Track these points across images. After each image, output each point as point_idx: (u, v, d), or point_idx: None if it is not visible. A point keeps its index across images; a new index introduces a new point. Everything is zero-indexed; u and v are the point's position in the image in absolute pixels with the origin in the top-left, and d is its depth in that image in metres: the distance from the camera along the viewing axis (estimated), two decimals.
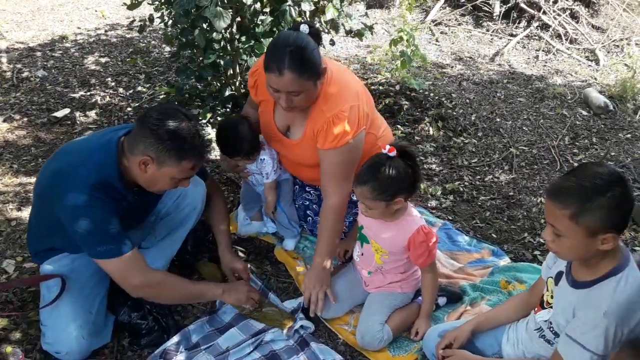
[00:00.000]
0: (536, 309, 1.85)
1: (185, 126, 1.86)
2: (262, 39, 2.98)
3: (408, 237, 2.07)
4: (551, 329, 1.76)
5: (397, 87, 3.84)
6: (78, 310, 2.01)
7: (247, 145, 2.36)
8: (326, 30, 3.07)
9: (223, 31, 2.91)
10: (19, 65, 4.51)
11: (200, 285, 2.19)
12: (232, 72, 3.40)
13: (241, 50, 3.03)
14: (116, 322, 2.16)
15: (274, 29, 2.96)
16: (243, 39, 3.03)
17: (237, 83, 3.43)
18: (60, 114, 3.84)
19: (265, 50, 2.66)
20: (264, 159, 2.44)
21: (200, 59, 3.21)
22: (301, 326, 2.21)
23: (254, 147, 2.40)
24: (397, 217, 2.08)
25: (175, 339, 2.12)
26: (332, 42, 3.26)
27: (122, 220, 1.94)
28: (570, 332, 1.60)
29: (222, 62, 3.04)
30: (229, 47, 3.09)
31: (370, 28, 3.14)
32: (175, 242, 2.33)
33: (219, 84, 3.47)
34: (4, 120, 3.71)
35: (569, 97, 4.17)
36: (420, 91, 3.87)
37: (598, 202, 1.45)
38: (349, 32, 3.14)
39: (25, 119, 3.76)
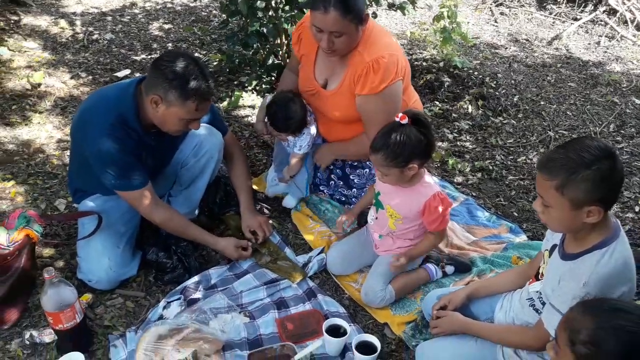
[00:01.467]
0: (531, 280, 1.90)
1: (191, 68, 2.02)
2: (304, 9, 3.09)
3: (424, 202, 2.13)
4: (541, 299, 1.80)
5: (441, 64, 3.85)
6: (107, 245, 2.25)
7: (296, 124, 2.49)
8: (368, 2, 3.13)
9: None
10: (90, 28, 4.84)
11: (197, 232, 2.36)
12: (278, 41, 3.54)
13: (283, 19, 3.15)
14: (144, 259, 2.39)
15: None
16: (287, 8, 3.15)
17: (282, 52, 3.56)
18: (121, 74, 4.12)
19: None
20: (303, 133, 2.56)
21: (247, 26, 3.37)
22: (310, 278, 2.36)
23: (301, 126, 2.52)
24: (414, 183, 2.15)
25: (195, 278, 2.32)
26: (375, 15, 3.32)
27: (146, 163, 2.15)
28: (552, 300, 1.65)
29: (265, 30, 3.17)
30: (272, 15, 3.22)
31: (413, 2, 3.17)
32: (198, 190, 2.53)
33: (265, 53, 3.62)
34: (72, 77, 4.03)
35: (624, 85, 4.02)
36: (464, 69, 3.86)
37: (583, 174, 1.47)
38: (391, 6, 3.19)
39: (90, 77, 4.07)
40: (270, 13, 3.30)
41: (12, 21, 4.60)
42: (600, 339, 1.22)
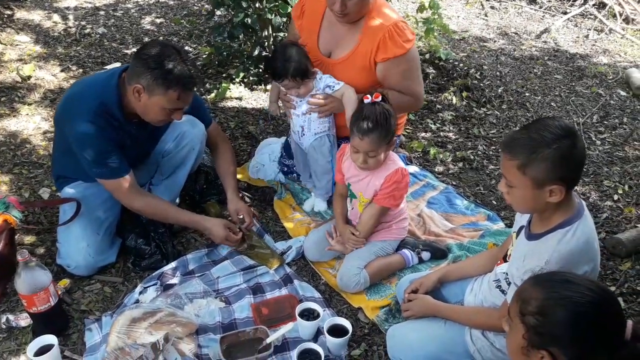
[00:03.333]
0: (499, 262, 1.92)
1: (174, 57, 2.05)
2: (287, 0, 3.12)
3: (385, 175, 2.15)
4: (507, 280, 1.82)
5: (427, 56, 3.87)
6: (87, 231, 2.28)
7: (295, 66, 2.35)
8: None
9: None
10: (83, 22, 4.86)
11: (187, 216, 2.37)
12: (265, 33, 3.56)
13: (267, 10, 3.18)
14: (123, 246, 2.41)
15: None
16: None
17: (269, 44, 3.58)
18: (110, 67, 4.15)
19: (289, 11, 2.82)
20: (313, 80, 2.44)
21: (233, 18, 3.39)
22: (287, 264, 2.38)
23: (302, 71, 2.38)
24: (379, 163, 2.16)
25: (173, 264, 2.35)
26: None
27: (127, 152, 2.17)
28: (515, 279, 1.67)
29: (249, 21, 3.20)
30: (257, 6, 3.24)
31: None
32: (179, 180, 2.55)
33: (251, 44, 3.64)
34: (62, 70, 4.06)
35: (610, 77, 4.04)
36: (450, 61, 3.88)
37: (543, 153, 1.49)
38: None
39: (81, 70, 4.10)
40: (256, 5, 3.33)
41: (6, 15, 4.63)
42: (548, 309, 1.24)
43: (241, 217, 2.47)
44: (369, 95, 2.06)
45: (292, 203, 2.76)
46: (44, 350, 1.86)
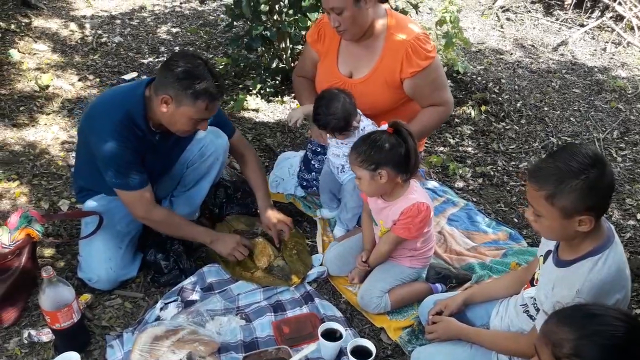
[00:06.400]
0: (526, 285, 1.89)
1: (201, 68, 2.05)
2: (307, 13, 3.11)
3: (401, 209, 2.09)
4: (535, 305, 1.79)
5: (445, 69, 3.84)
6: (109, 245, 2.28)
7: (335, 123, 2.35)
8: None
9: (270, 3, 3.07)
10: (100, 31, 4.89)
11: (195, 229, 2.37)
12: (283, 45, 3.57)
13: (286, 23, 3.17)
14: (144, 260, 2.41)
15: (319, 4, 3.09)
16: (290, 12, 3.17)
17: (287, 56, 3.58)
18: (128, 77, 4.17)
19: (308, 24, 2.82)
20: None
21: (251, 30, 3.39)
22: (308, 283, 2.37)
23: (342, 127, 2.36)
24: (397, 195, 2.11)
25: (192, 278, 2.34)
26: None
27: (149, 164, 2.17)
28: (545, 307, 1.64)
29: (268, 34, 3.20)
30: (276, 18, 3.24)
31: (416, 7, 3.18)
32: (201, 191, 2.55)
33: (269, 57, 3.64)
34: (80, 80, 4.08)
35: (630, 92, 4.00)
36: (468, 74, 3.86)
37: (572, 184, 1.46)
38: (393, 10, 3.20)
39: (98, 79, 4.11)
40: (274, 17, 3.33)
41: (23, 24, 4.66)
42: (585, 349, 1.21)
43: (280, 229, 2.46)
44: (386, 124, 2.05)
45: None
46: None
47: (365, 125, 2.41)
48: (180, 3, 5.67)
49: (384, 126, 2.06)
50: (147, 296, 2.31)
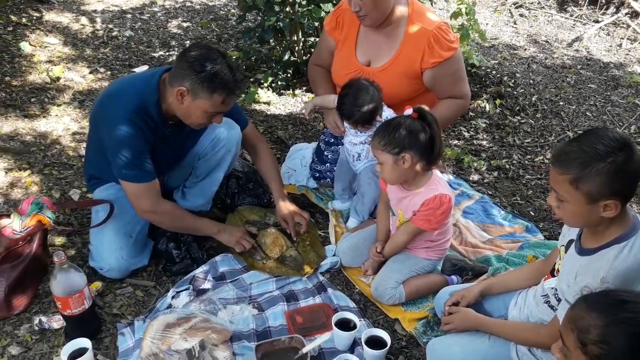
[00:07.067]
0: (546, 276, 1.85)
1: (220, 62, 2.01)
2: (321, 4, 3.08)
3: (423, 200, 2.05)
4: (556, 296, 1.75)
5: None
6: (120, 234, 2.25)
7: (361, 115, 2.29)
8: None
9: None
10: (110, 25, 4.88)
11: (200, 221, 2.33)
12: (295, 37, 3.53)
13: (300, 14, 3.14)
14: (155, 250, 2.38)
15: None
16: (303, 2, 3.14)
17: (298, 49, 3.55)
18: (139, 69, 4.15)
19: (322, 15, 2.79)
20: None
21: (264, 22, 3.36)
22: (320, 273, 2.33)
23: (367, 120, 2.32)
24: (419, 185, 2.07)
25: (204, 267, 2.31)
26: None
27: (160, 155, 2.13)
28: (568, 296, 1.59)
29: (281, 25, 3.17)
30: (289, 10, 3.21)
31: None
32: (214, 182, 2.51)
33: (281, 49, 3.61)
34: (90, 72, 4.07)
35: None
36: (482, 68, 3.81)
37: (597, 167, 1.41)
38: None
39: (109, 72, 4.10)
40: (287, 8, 3.30)
41: (35, 17, 4.67)
42: (613, 337, 1.16)
43: (297, 221, 2.43)
44: (410, 109, 2.00)
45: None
46: (77, 353, 1.83)
47: (388, 115, 2.37)
48: None
49: (409, 111, 2.01)
50: (158, 285, 2.28)
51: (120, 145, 2.07)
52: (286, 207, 2.44)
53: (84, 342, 1.86)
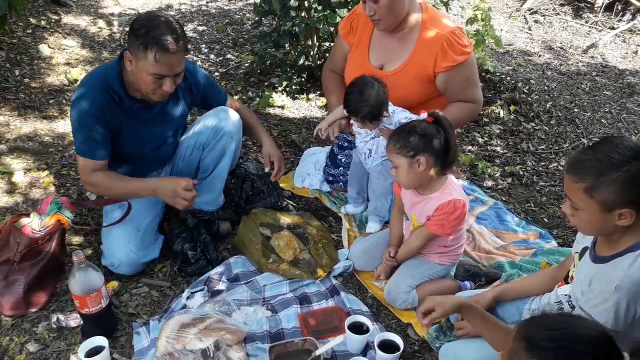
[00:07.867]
0: (560, 283, 1.85)
1: (157, 22, 2.03)
2: (336, 9, 3.11)
3: (437, 205, 2.05)
4: (570, 303, 1.75)
5: None
6: (127, 229, 2.29)
7: (368, 110, 2.30)
8: None
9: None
10: (127, 29, 4.93)
11: (135, 183, 2.32)
12: (310, 42, 3.56)
13: (315, 19, 3.17)
14: (167, 244, 2.41)
15: (349, 0, 3.08)
16: (319, 7, 3.17)
17: (313, 53, 3.57)
18: None
19: (337, 20, 2.81)
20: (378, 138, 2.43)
21: (280, 26, 3.39)
22: (333, 277, 2.35)
23: (374, 116, 2.32)
24: (433, 189, 2.08)
25: (218, 268, 2.34)
26: None
27: (133, 131, 2.26)
28: (582, 304, 1.60)
29: (296, 30, 3.20)
30: (304, 15, 3.24)
31: (446, 4, 3.16)
32: (221, 173, 2.54)
33: (296, 53, 3.64)
34: None
35: None
36: (497, 74, 3.81)
37: (612, 176, 1.41)
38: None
39: None
40: (303, 14, 3.33)
41: (53, 20, 4.74)
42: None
43: (272, 161, 2.50)
44: (425, 113, 2.02)
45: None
46: (94, 351, 1.86)
47: (394, 108, 2.39)
48: (207, 2, 5.71)
49: (424, 115, 2.03)
50: (173, 285, 2.31)
51: (78, 119, 2.17)
52: (274, 146, 2.53)
53: (101, 340, 1.89)
